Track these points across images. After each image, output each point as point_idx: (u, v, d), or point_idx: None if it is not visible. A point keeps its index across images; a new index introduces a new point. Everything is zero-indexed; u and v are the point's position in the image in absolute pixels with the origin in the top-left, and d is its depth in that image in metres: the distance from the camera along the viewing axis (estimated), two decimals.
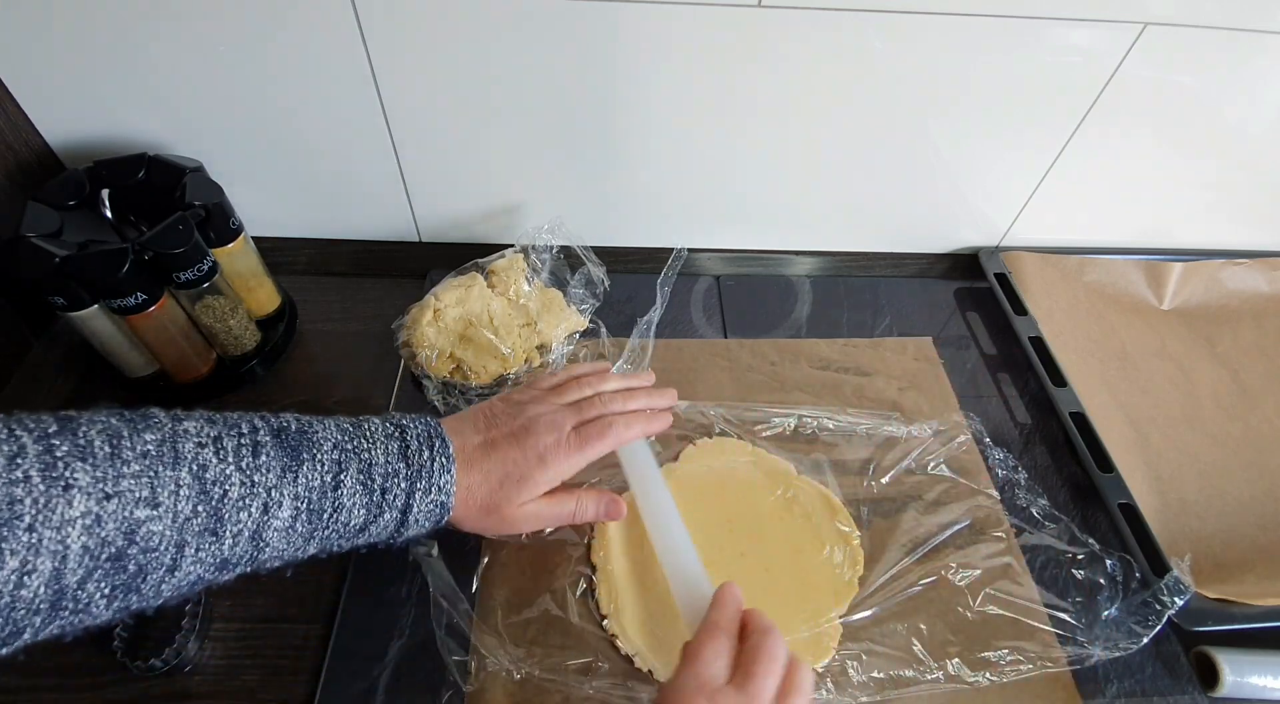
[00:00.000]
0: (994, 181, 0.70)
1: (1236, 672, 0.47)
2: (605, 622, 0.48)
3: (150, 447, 0.33)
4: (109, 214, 0.55)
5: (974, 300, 0.74)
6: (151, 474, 0.32)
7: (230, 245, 0.57)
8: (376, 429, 0.41)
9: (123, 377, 0.58)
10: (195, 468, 0.33)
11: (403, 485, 0.40)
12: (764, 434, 0.59)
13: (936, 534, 0.53)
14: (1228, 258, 0.75)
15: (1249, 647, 0.49)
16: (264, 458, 0.36)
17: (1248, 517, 0.58)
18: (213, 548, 0.34)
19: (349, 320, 0.67)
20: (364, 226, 0.71)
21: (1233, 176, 0.71)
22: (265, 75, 0.57)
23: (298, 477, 0.36)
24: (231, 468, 0.34)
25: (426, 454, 0.40)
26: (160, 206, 0.53)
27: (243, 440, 0.36)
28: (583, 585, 0.50)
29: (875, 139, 0.65)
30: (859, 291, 0.74)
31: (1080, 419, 0.60)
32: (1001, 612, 0.50)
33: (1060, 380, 0.63)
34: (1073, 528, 0.54)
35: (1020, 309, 0.69)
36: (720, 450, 0.58)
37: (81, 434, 0.32)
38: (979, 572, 0.52)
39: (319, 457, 0.38)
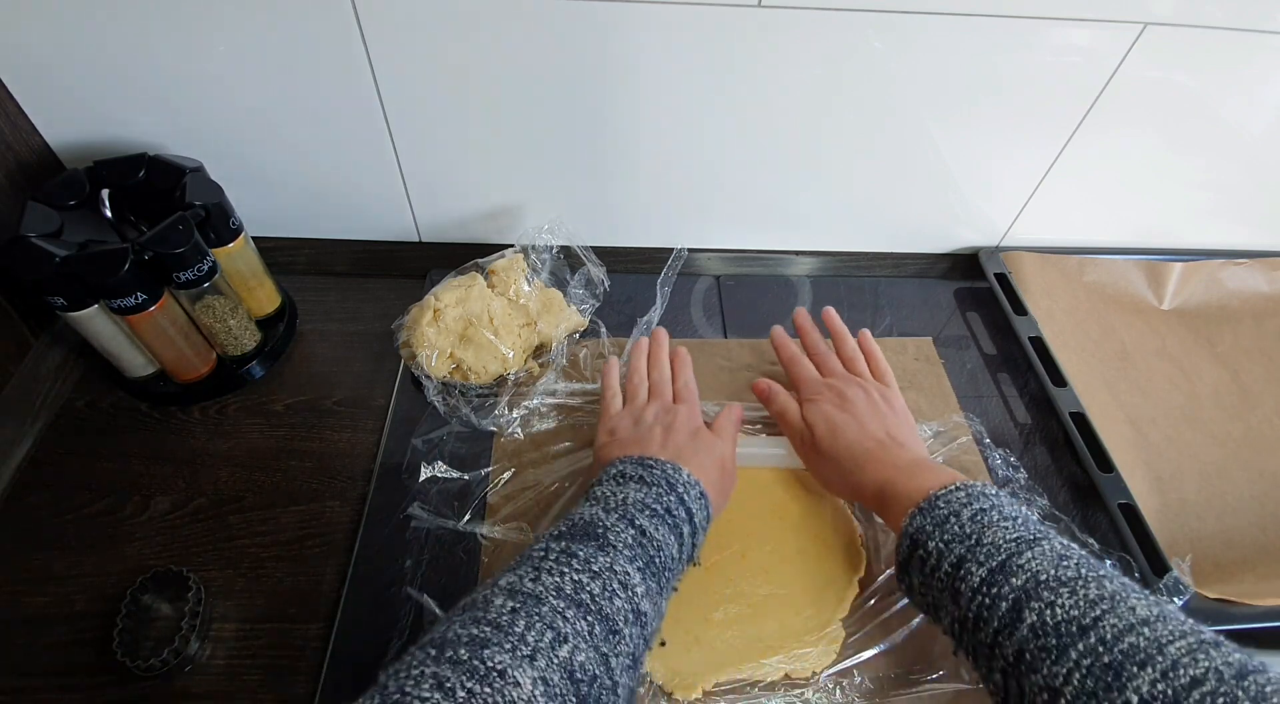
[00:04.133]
0: (994, 181, 0.70)
1: None
2: None
3: (536, 610, 0.34)
4: (109, 214, 0.55)
5: (974, 300, 0.74)
6: (552, 624, 0.34)
7: (230, 245, 0.57)
8: (610, 489, 0.44)
9: (123, 377, 0.58)
10: (566, 599, 0.35)
11: (672, 499, 0.43)
12: (764, 435, 0.59)
13: None
14: (1228, 258, 0.75)
15: (1249, 647, 0.49)
16: (582, 551, 0.38)
17: (1248, 517, 0.58)
18: (619, 644, 0.36)
19: (349, 320, 0.67)
20: (364, 226, 0.71)
21: (1233, 177, 0.71)
22: (265, 75, 0.57)
23: (617, 548, 0.39)
24: (573, 572, 0.37)
25: (658, 473, 0.45)
26: (160, 206, 0.53)
27: (556, 552, 0.38)
28: None
29: (875, 139, 0.65)
30: (859, 291, 0.74)
31: (1080, 419, 0.60)
32: None
33: (1060, 380, 0.63)
34: (1073, 528, 0.54)
35: (1020, 309, 0.69)
36: None
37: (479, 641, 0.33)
38: None
39: (610, 524, 0.40)
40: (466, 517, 0.52)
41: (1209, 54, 0.59)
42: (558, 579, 0.36)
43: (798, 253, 0.76)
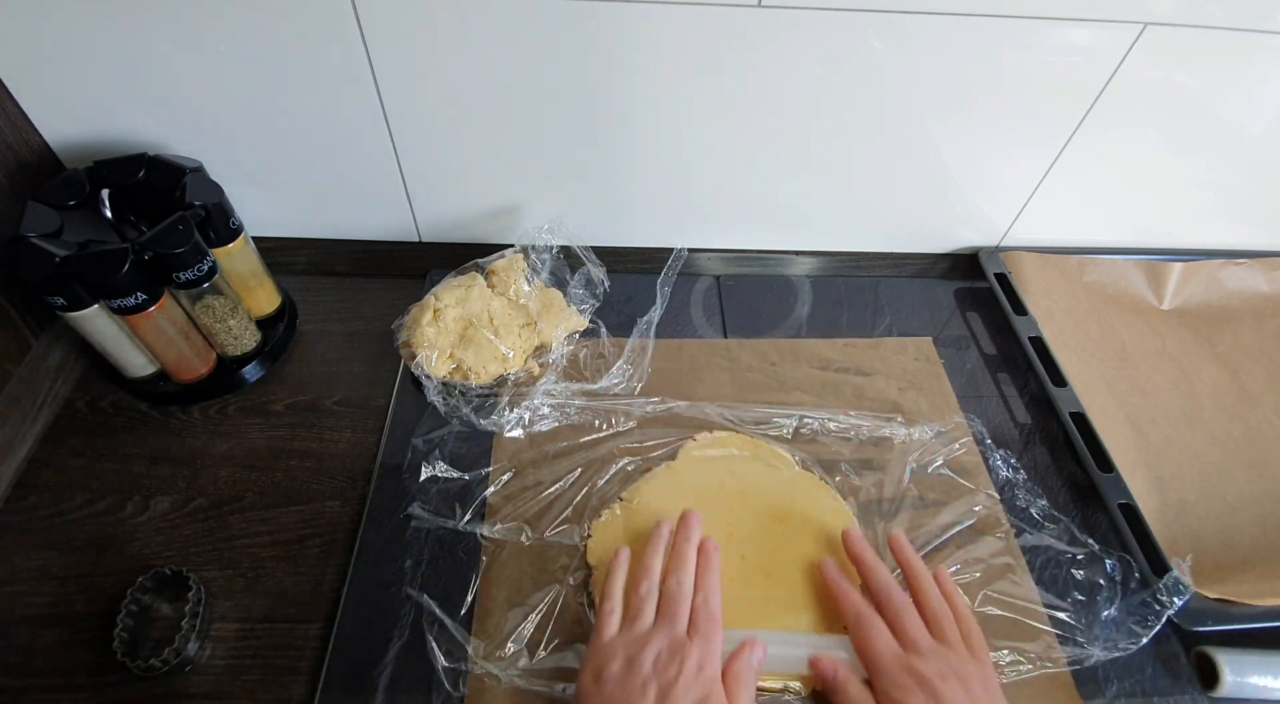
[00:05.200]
0: (994, 181, 0.70)
1: (1236, 672, 0.47)
2: None
3: None
4: (109, 214, 0.55)
5: (974, 300, 0.74)
6: None
7: (230, 245, 0.57)
8: None
9: (123, 377, 0.58)
10: None
11: None
12: (765, 435, 0.59)
13: (937, 535, 0.53)
14: (1228, 258, 0.75)
15: (1249, 647, 0.49)
16: None
17: (1248, 517, 0.58)
18: None
19: (349, 320, 0.67)
20: (364, 226, 0.71)
21: (1233, 177, 0.71)
22: (265, 75, 0.57)
23: None
24: None
25: None
26: (160, 206, 0.53)
27: None
28: (580, 589, 0.50)
29: (875, 139, 0.65)
30: (859, 291, 0.74)
31: (1080, 419, 0.60)
32: (1001, 612, 0.50)
33: (1060, 380, 0.63)
34: (1072, 528, 0.54)
35: (1020, 309, 0.69)
36: (719, 444, 0.58)
37: None
38: (979, 572, 0.52)
39: None
40: (466, 517, 0.52)
41: (1209, 54, 0.59)
42: None
43: (798, 253, 0.76)
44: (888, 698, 0.41)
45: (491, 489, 0.54)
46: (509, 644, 0.46)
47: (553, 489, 0.54)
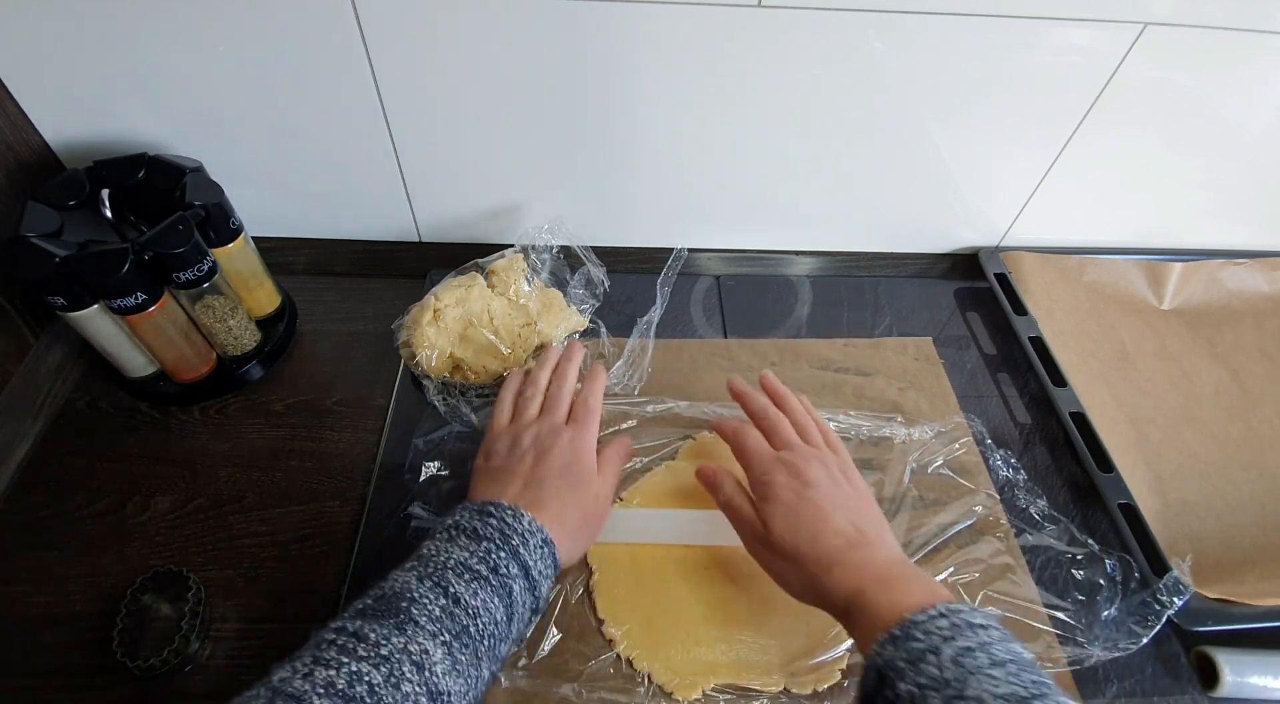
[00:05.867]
0: (994, 181, 0.70)
1: (1236, 672, 0.47)
2: (603, 626, 0.48)
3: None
4: (109, 214, 0.55)
5: (974, 300, 0.74)
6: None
7: (230, 245, 0.57)
8: (439, 546, 0.40)
9: (123, 377, 0.58)
10: (337, 696, 0.32)
11: (503, 555, 0.40)
12: None
13: (937, 535, 0.53)
14: (1228, 258, 0.75)
15: (1249, 647, 0.49)
16: (374, 632, 0.34)
17: (1248, 517, 0.58)
18: None
19: (349, 320, 0.67)
20: (364, 226, 0.71)
21: (1233, 177, 0.71)
22: (265, 75, 0.57)
23: (419, 624, 0.36)
24: (354, 661, 0.33)
25: (495, 523, 0.41)
26: (160, 206, 0.53)
27: (345, 636, 0.34)
28: (580, 588, 0.50)
29: (875, 139, 0.65)
30: (859, 291, 0.74)
31: (1080, 419, 0.60)
32: (1001, 612, 0.50)
33: (1060, 380, 0.63)
34: (1072, 528, 0.54)
35: (1020, 309, 0.69)
36: (719, 444, 0.58)
37: None
38: (979, 572, 0.52)
39: (420, 594, 0.37)
40: None
41: (1209, 54, 0.59)
42: (331, 673, 0.32)
43: (798, 253, 0.76)
44: (759, 483, 0.46)
45: None
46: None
47: None
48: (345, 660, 0.33)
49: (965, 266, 0.76)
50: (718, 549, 0.51)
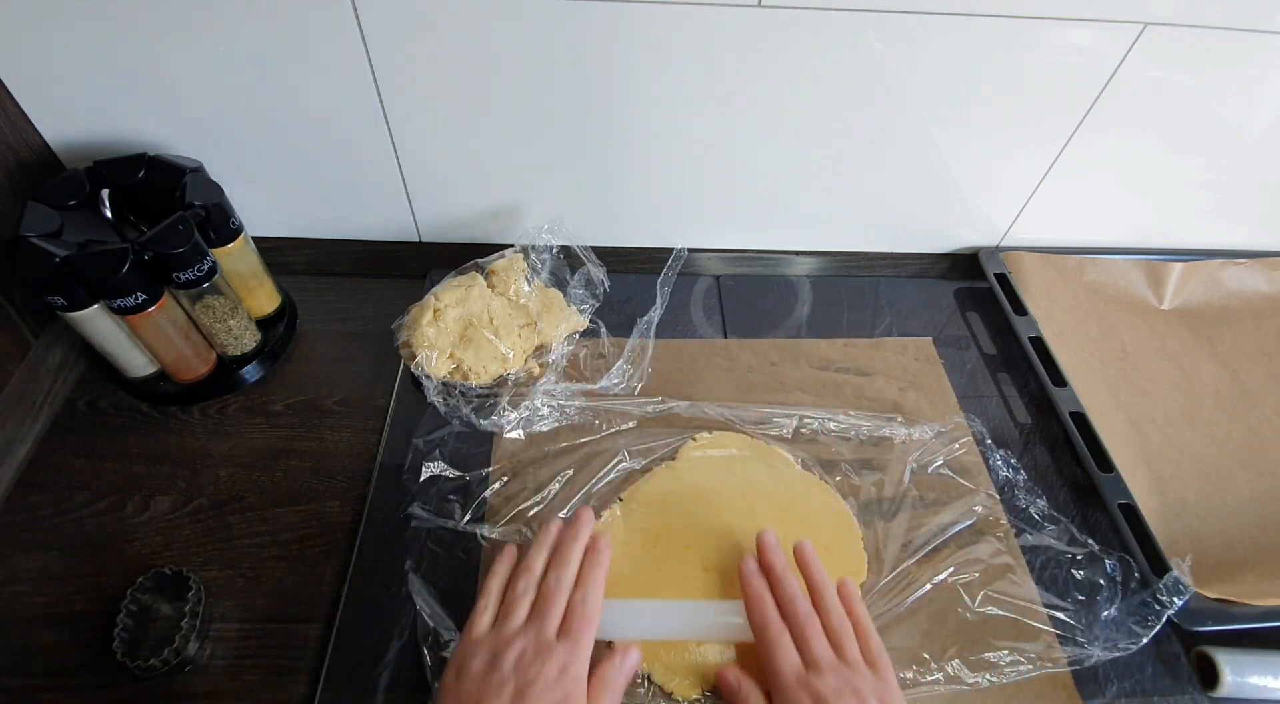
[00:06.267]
0: (994, 181, 0.70)
1: (1236, 672, 0.47)
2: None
3: None
4: (109, 214, 0.55)
5: (974, 300, 0.74)
6: None
7: (230, 245, 0.57)
8: None
9: (123, 377, 0.58)
10: None
11: None
12: (765, 435, 0.59)
13: (937, 535, 0.53)
14: (1228, 258, 0.75)
15: (1249, 647, 0.49)
16: None
17: (1248, 517, 0.58)
18: None
19: (349, 320, 0.67)
20: (364, 226, 0.71)
21: (1233, 177, 0.71)
22: (265, 75, 0.57)
23: None
24: None
25: None
26: (160, 206, 0.53)
27: None
28: None
29: (875, 139, 0.65)
30: (859, 291, 0.74)
31: (1080, 419, 0.60)
32: (1001, 612, 0.50)
33: (1060, 380, 0.63)
34: (1072, 528, 0.54)
35: (1020, 309, 0.69)
36: (719, 444, 0.58)
37: None
38: (979, 572, 0.52)
39: None
40: (466, 517, 0.52)
41: (1209, 54, 0.59)
42: None
43: (798, 253, 0.76)
44: None
45: (491, 489, 0.54)
46: None
47: (552, 489, 0.54)
48: None
49: (965, 266, 0.76)
50: (716, 552, 0.51)
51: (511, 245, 0.67)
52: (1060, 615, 0.50)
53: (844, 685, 0.41)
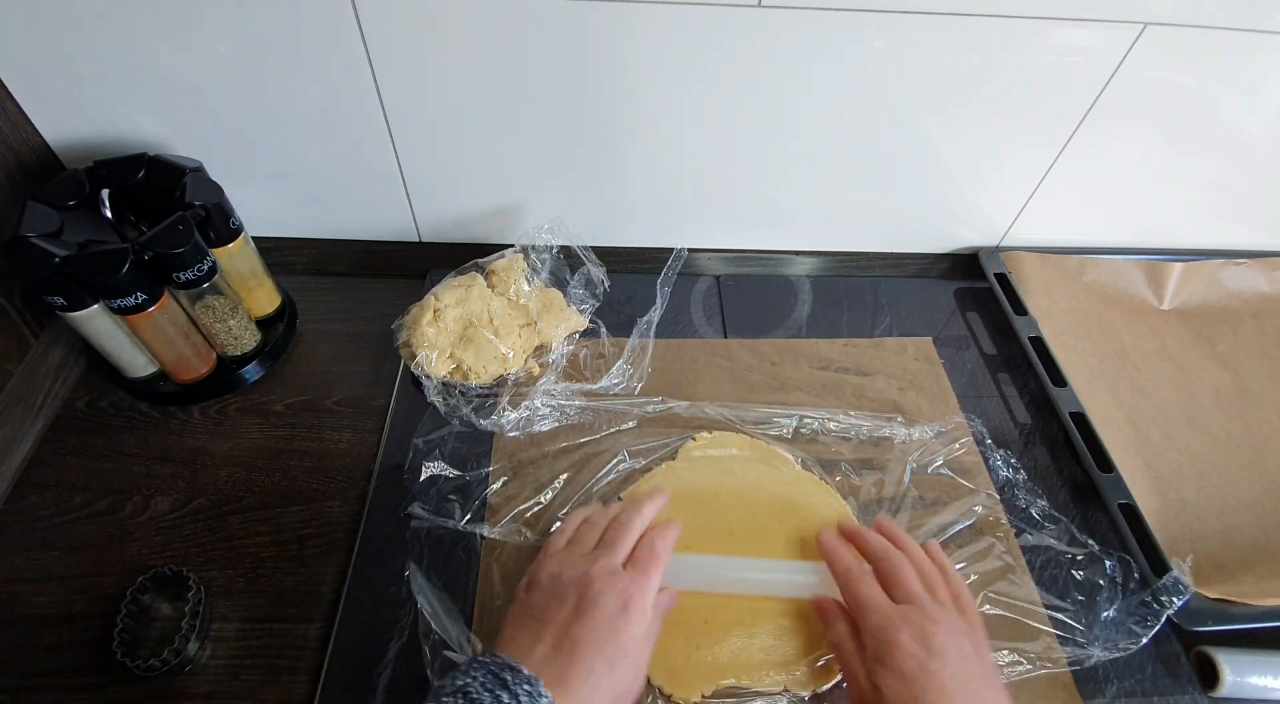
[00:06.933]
0: (994, 181, 0.70)
1: (1236, 672, 0.47)
2: None
3: None
4: (109, 214, 0.55)
5: (974, 300, 0.74)
6: None
7: (230, 245, 0.57)
8: None
9: (123, 377, 0.58)
10: None
11: None
12: (765, 435, 0.59)
13: (937, 535, 0.53)
14: (1228, 258, 0.75)
15: (1249, 647, 0.49)
16: None
17: (1248, 517, 0.58)
18: None
19: (349, 320, 0.67)
20: (364, 226, 0.71)
21: (1233, 177, 0.71)
22: (265, 75, 0.57)
23: None
24: None
25: (507, 700, 0.35)
26: (160, 206, 0.53)
27: None
28: None
29: (875, 139, 0.65)
30: (859, 291, 0.74)
31: (1080, 419, 0.60)
32: (1001, 612, 0.50)
33: (1060, 380, 0.63)
34: (1072, 529, 0.54)
35: (1020, 309, 0.69)
36: (719, 444, 0.58)
37: None
38: (979, 573, 0.52)
39: None
40: (466, 517, 0.52)
41: (1209, 54, 0.59)
42: None
43: (798, 253, 0.76)
44: (875, 641, 0.40)
45: (491, 489, 0.54)
46: None
47: (552, 489, 0.54)
48: None
49: (965, 266, 0.76)
50: (716, 551, 0.51)
51: (511, 245, 0.67)
52: (1060, 615, 0.50)
53: (941, 617, 0.40)
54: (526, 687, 0.35)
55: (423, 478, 0.54)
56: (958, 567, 0.51)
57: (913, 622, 0.40)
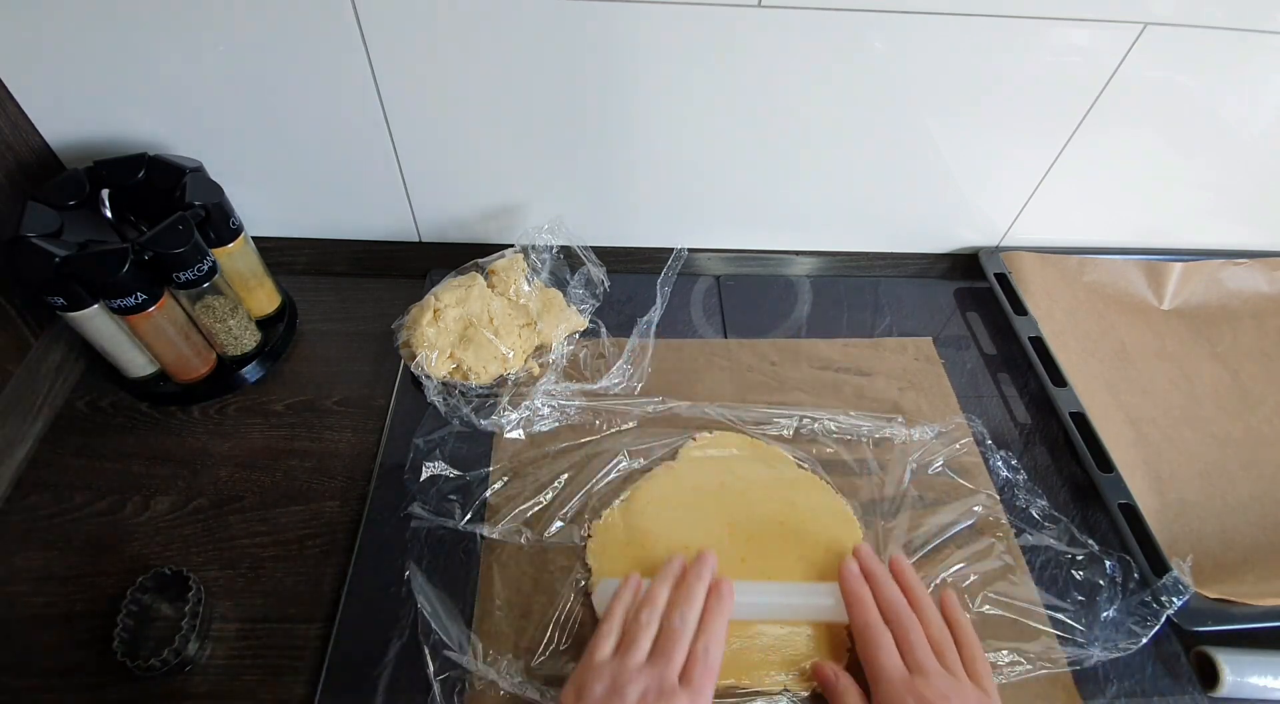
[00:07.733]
0: (994, 181, 0.70)
1: (1236, 672, 0.47)
2: None
3: None
4: (109, 214, 0.55)
5: (974, 300, 0.74)
6: None
7: (230, 245, 0.57)
8: None
9: (123, 377, 0.58)
10: None
11: None
12: (765, 435, 0.59)
13: (937, 535, 0.53)
14: (1228, 258, 0.75)
15: (1249, 647, 0.49)
16: None
17: (1248, 517, 0.58)
18: None
19: (349, 320, 0.67)
20: (364, 226, 0.71)
21: (1233, 177, 0.71)
22: (265, 75, 0.57)
23: None
24: None
25: None
26: (160, 206, 0.53)
27: None
28: (581, 585, 0.50)
29: (875, 139, 0.65)
30: (859, 291, 0.74)
31: (1080, 419, 0.60)
32: (1001, 612, 0.50)
33: (1060, 380, 0.63)
34: (1072, 529, 0.54)
35: (1020, 309, 0.69)
36: (719, 444, 0.58)
37: None
38: (979, 573, 0.52)
39: None
40: (467, 517, 0.52)
41: (1209, 54, 0.59)
42: None
43: (798, 253, 0.76)
44: None
45: (491, 489, 0.54)
46: (509, 646, 0.46)
47: (552, 489, 0.54)
48: None
49: (965, 266, 0.76)
50: (716, 552, 0.51)
51: (511, 245, 0.67)
52: (1060, 615, 0.50)
53: (950, 691, 0.41)
54: None
55: (423, 478, 0.54)
56: (957, 567, 0.52)
57: (921, 695, 0.40)
